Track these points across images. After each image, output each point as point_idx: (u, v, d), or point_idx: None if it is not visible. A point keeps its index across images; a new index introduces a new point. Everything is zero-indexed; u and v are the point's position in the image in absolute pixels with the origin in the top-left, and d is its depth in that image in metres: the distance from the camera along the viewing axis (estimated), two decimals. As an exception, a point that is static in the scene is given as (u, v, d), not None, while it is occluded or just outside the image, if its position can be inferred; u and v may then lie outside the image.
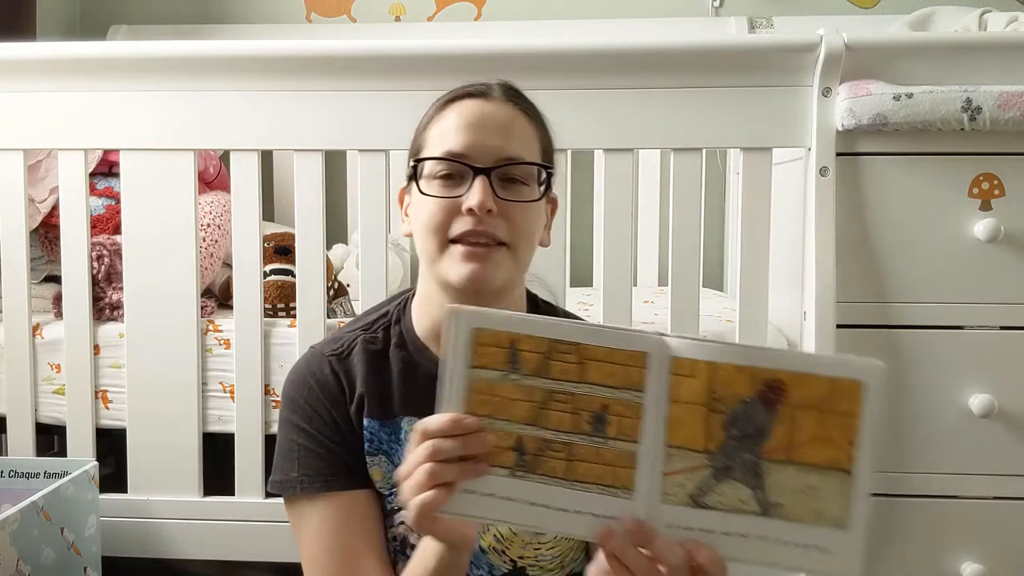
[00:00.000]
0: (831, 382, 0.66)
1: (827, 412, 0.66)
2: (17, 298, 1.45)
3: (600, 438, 0.68)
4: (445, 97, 0.95)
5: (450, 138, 0.90)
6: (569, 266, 1.60)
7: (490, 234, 0.88)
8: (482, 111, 0.91)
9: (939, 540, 1.37)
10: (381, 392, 0.95)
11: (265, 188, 1.60)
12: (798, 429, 0.66)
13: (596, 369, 0.69)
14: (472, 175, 0.88)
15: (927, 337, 1.36)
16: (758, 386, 0.67)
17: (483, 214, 0.86)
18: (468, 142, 0.89)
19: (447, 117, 0.92)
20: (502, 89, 0.95)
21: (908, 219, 1.35)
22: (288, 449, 0.96)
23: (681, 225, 1.38)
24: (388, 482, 0.96)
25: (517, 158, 0.90)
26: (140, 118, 1.41)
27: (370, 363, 0.96)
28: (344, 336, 0.99)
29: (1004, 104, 1.28)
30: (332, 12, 2.39)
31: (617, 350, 0.68)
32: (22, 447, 1.47)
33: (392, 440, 0.95)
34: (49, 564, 1.27)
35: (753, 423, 0.67)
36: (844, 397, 0.66)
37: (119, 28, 2.31)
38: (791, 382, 0.67)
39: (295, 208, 1.42)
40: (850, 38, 1.32)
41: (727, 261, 2.19)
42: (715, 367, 0.67)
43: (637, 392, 0.68)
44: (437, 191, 0.89)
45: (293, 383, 0.98)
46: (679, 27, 2.22)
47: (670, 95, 1.36)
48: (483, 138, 0.89)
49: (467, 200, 0.87)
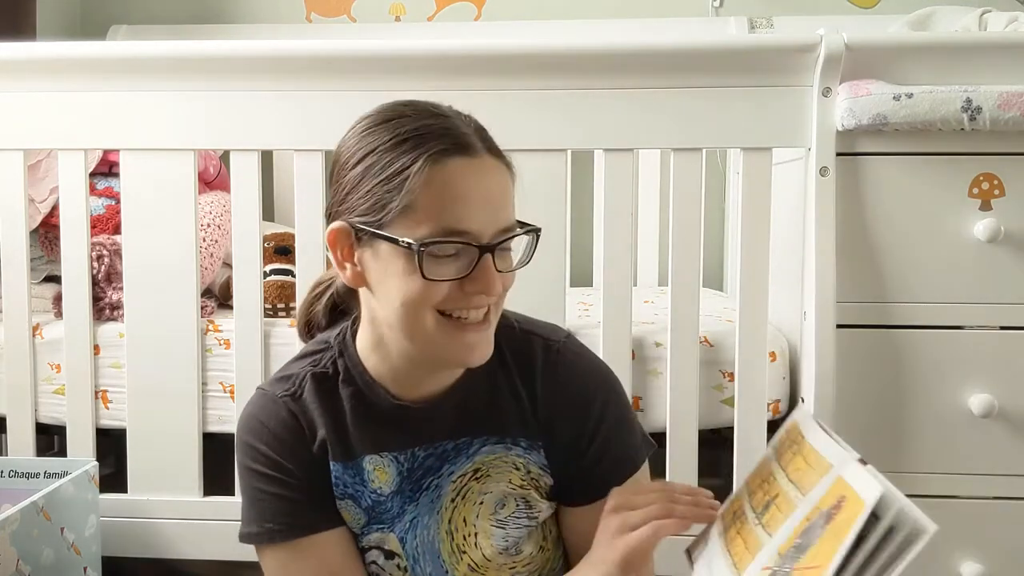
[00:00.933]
0: (845, 492, 0.66)
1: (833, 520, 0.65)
2: (17, 298, 1.45)
3: (759, 521, 0.74)
4: (423, 151, 0.80)
5: (449, 212, 0.79)
6: (569, 266, 1.60)
7: (485, 304, 0.83)
8: (476, 175, 0.81)
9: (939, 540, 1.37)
10: (340, 434, 0.92)
11: (265, 188, 1.60)
12: (818, 552, 0.65)
13: (795, 465, 0.74)
14: (476, 254, 0.80)
15: (927, 337, 1.36)
16: (834, 500, 0.67)
17: (491, 297, 0.82)
18: (471, 218, 0.80)
19: (438, 182, 0.80)
20: (479, 138, 0.84)
21: (908, 219, 1.35)
22: (255, 499, 0.92)
23: (681, 225, 1.38)
24: (357, 523, 0.94)
25: (514, 227, 0.84)
26: (140, 118, 1.41)
27: (323, 400, 0.92)
28: (293, 374, 0.94)
29: (1004, 104, 1.27)
30: (332, 12, 2.39)
31: (815, 451, 0.74)
32: (22, 447, 1.47)
33: (357, 482, 0.92)
34: (49, 564, 1.27)
35: (810, 536, 0.67)
36: (847, 510, 0.65)
37: (119, 28, 2.31)
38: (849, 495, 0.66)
39: (295, 208, 1.42)
40: (850, 38, 1.32)
41: (727, 261, 2.19)
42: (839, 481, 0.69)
43: (801, 493, 0.71)
44: (434, 270, 0.80)
45: (250, 431, 0.92)
46: (679, 27, 2.22)
47: (670, 95, 1.36)
48: (486, 213, 0.81)
49: (475, 284, 0.80)
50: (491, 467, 0.93)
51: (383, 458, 0.92)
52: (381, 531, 0.93)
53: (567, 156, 1.43)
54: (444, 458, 0.93)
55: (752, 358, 1.37)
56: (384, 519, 0.93)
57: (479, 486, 0.93)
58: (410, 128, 0.82)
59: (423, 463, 0.93)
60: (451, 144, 0.81)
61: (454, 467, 0.93)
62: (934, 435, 1.36)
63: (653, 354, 1.42)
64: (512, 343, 0.94)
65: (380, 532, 0.94)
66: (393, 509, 0.93)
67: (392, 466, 0.92)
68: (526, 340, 0.95)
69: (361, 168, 0.83)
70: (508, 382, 0.93)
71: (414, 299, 0.81)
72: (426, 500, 0.93)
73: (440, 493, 0.93)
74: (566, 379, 0.94)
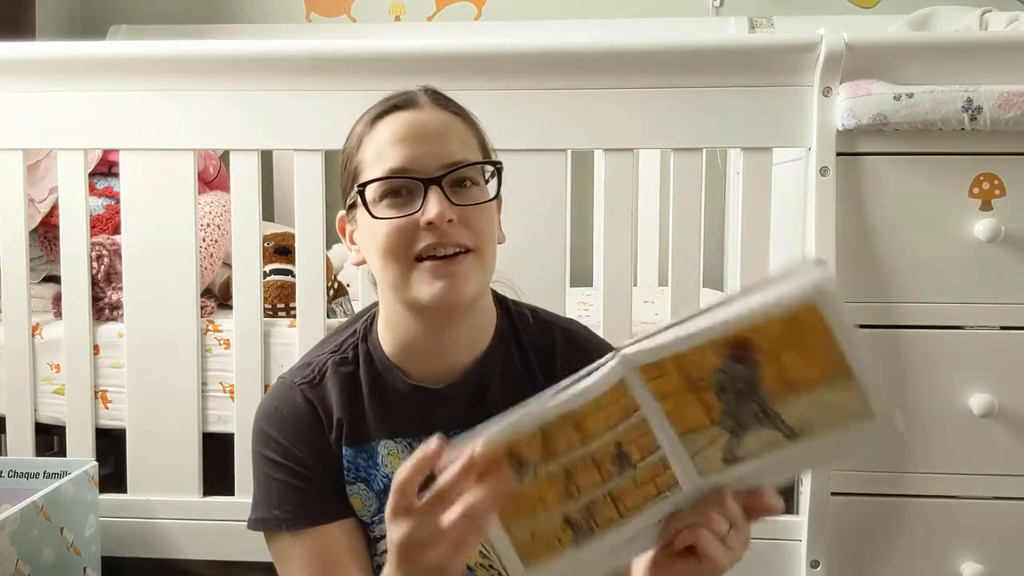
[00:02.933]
0: (787, 320, 0.66)
1: (799, 342, 0.66)
2: (17, 298, 1.45)
3: (629, 468, 0.71)
4: (370, 114, 0.91)
5: (389, 155, 0.85)
6: (569, 266, 1.60)
7: (454, 243, 0.84)
8: (414, 120, 0.87)
9: (939, 540, 1.37)
10: (356, 418, 0.93)
11: (265, 188, 1.60)
12: (783, 366, 0.67)
13: (592, 423, 0.71)
14: (423, 188, 0.84)
15: (927, 337, 1.36)
16: (726, 353, 0.68)
17: (444, 224, 0.83)
18: (409, 155, 0.85)
19: (379, 134, 0.88)
20: (428, 95, 0.90)
21: (908, 219, 1.35)
22: (266, 486, 0.93)
23: (681, 225, 1.38)
24: (368, 510, 0.94)
25: (461, 161, 0.86)
26: (140, 118, 1.41)
27: (343, 386, 0.93)
28: (313, 361, 0.95)
29: (1004, 104, 1.28)
30: (332, 12, 2.39)
31: (600, 397, 0.70)
32: (22, 447, 1.47)
33: (370, 466, 0.93)
34: (49, 564, 1.27)
35: (741, 381, 0.68)
36: (807, 324, 0.65)
37: (119, 28, 2.31)
38: (752, 335, 0.67)
39: (295, 208, 1.42)
40: (850, 38, 1.32)
41: (727, 261, 2.19)
42: (679, 357, 0.68)
43: (636, 412, 0.70)
44: (389, 212, 0.85)
45: (265, 417, 0.94)
46: (679, 27, 2.22)
47: (670, 95, 1.36)
48: (423, 148, 0.85)
49: (424, 214, 0.83)
50: None
51: (398, 444, 0.93)
52: None
53: (567, 156, 1.43)
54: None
55: (752, 358, 1.37)
56: None
57: None
58: (369, 108, 0.92)
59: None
60: (390, 105, 0.89)
61: None
62: (934, 435, 1.36)
63: (653, 354, 1.41)
64: (530, 331, 0.97)
65: None
66: None
67: (407, 453, 0.93)
68: (544, 328, 0.98)
69: (342, 155, 0.94)
70: (525, 367, 0.95)
71: (383, 246, 0.85)
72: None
73: None
74: (586, 364, 0.94)
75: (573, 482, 0.71)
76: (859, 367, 0.67)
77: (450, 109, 0.90)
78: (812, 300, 0.65)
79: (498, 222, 0.93)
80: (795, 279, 0.65)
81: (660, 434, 0.70)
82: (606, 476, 0.71)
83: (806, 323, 0.65)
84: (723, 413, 0.69)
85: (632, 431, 0.70)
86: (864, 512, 1.37)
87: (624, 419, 0.70)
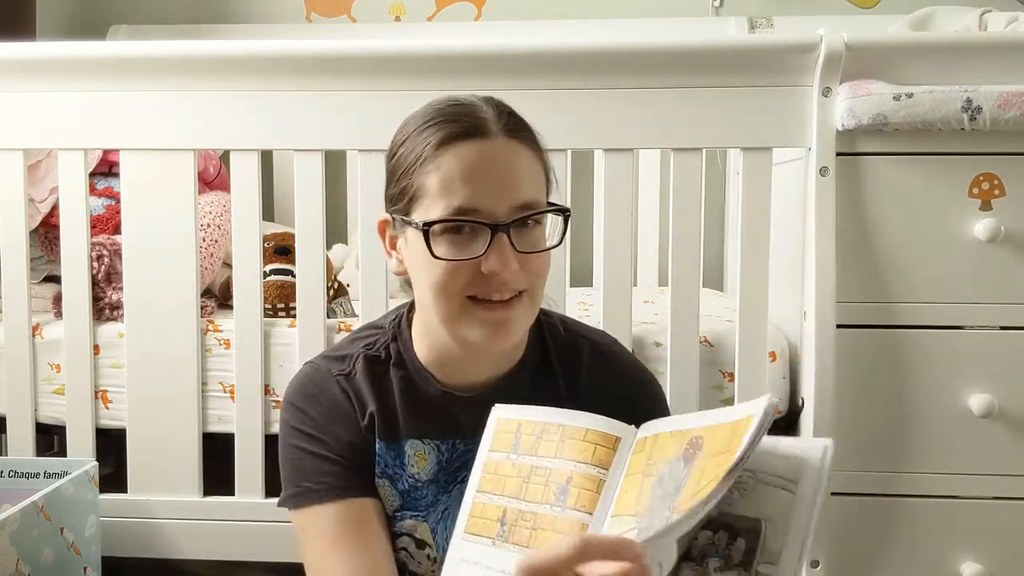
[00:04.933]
0: (733, 424, 0.66)
1: (723, 452, 0.65)
2: (17, 298, 1.45)
3: (559, 507, 0.73)
4: (437, 135, 0.84)
5: (457, 191, 0.81)
6: (569, 266, 1.60)
7: (512, 288, 0.84)
8: (486, 155, 0.83)
9: (939, 540, 1.37)
10: (388, 414, 0.94)
11: (265, 188, 1.60)
12: (702, 476, 0.65)
13: (571, 446, 0.75)
14: (489, 233, 0.81)
15: (927, 337, 1.36)
16: (683, 445, 0.68)
17: (508, 276, 0.82)
18: (478, 194, 0.81)
19: (446, 163, 0.83)
20: (498, 119, 0.86)
21: (908, 219, 1.35)
22: (298, 460, 0.93)
23: (681, 225, 1.38)
24: (391, 506, 0.95)
25: (531, 203, 0.84)
26: (140, 118, 1.41)
27: (374, 383, 0.94)
28: (347, 355, 0.96)
29: (1004, 104, 1.27)
30: (332, 12, 2.39)
31: (591, 430, 0.75)
32: (22, 447, 1.47)
33: (396, 464, 0.94)
34: (49, 564, 1.27)
35: (674, 480, 0.67)
36: (738, 434, 0.64)
37: (119, 28, 2.31)
38: (707, 435, 0.68)
39: (295, 208, 1.42)
40: (850, 38, 1.32)
41: (727, 261, 2.19)
42: (656, 438, 0.71)
43: (601, 468, 0.73)
44: (448, 250, 0.82)
45: (302, 396, 0.94)
46: (679, 27, 2.22)
47: (670, 95, 1.36)
48: (494, 188, 0.82)
49: (488, 262, 0.81)
50: None
51: (425, 445, 0.94)
52: (416, 519, 0.95)
53: (567, 156, 1.43)
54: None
55: (752, 358, 1.37)
56: (419, 506, 0.94)
57: None
58: (431, 118, 0.86)
59: (461, 456, 0.94)
60: (461, 128, 0.84)
61: None
62: (934, 435, 1.36)
63: (653, 354, 1.42)
64: (559, 344, 0.97)
65: (414, 520, 0.95)
66: (428, 497, 0.94)
67: (433, 454, 0.94)
68: (572, 341, 0.98)
69: (394, 159, 0.89)
70: (550, 382, 0.95)
71: (437, 282, 0.84)
72: (459, 493, 0.93)
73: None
74: (610, 380, 0.96)
75: (528, 484, 0.76)
76: (716, 497, 0.63)
77: (520, 138, 0.86)
78: (753, 412, 0.65)
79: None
80: (759, 401, 0.65)
81: (603, 501, 0.72)
82: (544, 499, 0.74)
83: (738, 434, 0.64)
84: (647, 508, 0.68)
85: (585, 479, 0.73)
86: (864, 512, 1.37)
87: (590, 463, 0.74)
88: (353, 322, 1.46)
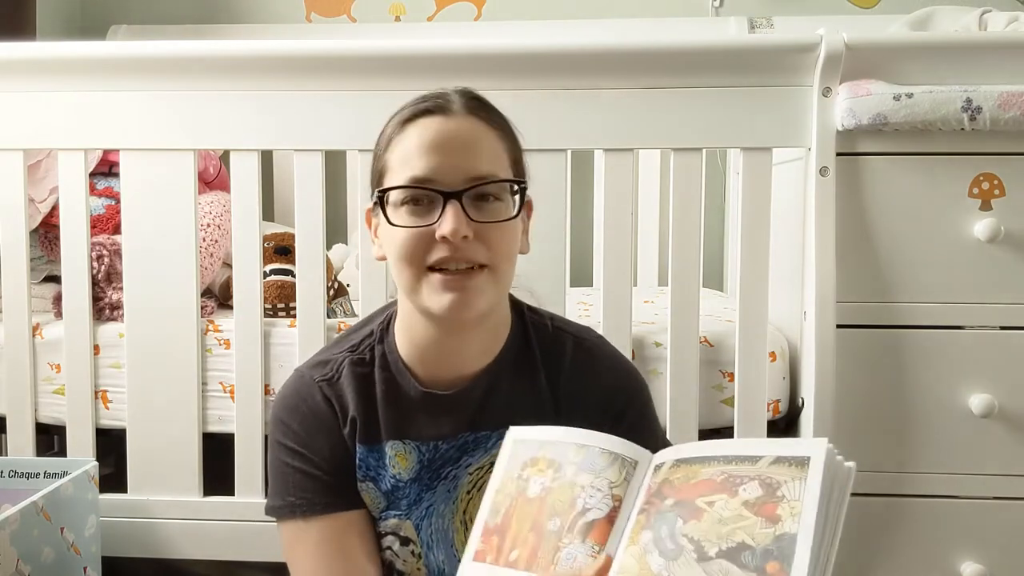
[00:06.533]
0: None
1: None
2: (17, 298, 1.45)
3: (572, 536, 0.76)
4: (403, 115, 0.90)
5: (413, 162, 0.86)
6: (569, 266, 1.60)
7: (468, 259, 0.85)
8: (444, 129, 0.87)
9: (939, 540, 1.37)
10: (370, 417, 0.95)
11: (265, 188, 1.60)
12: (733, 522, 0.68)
13: (587, 471, 0.78)
14: (442, 200, 0.84)
15: (927, 337, 1.36)
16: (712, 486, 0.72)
17: (458, 240, 0.83)
18: (433, 165, 0.85)
19: (407, 138, 0.87)
20: (463, 101, 0.90)
21: (908, 219, 1.35)
22: (282, 474, 0.95)
23: (681, 225, 1.38)
24: (377, 507, 0.96)
25: (487, 176, 0.86)
26: (140, 118, 1.41)
27: (358, 386, 0.95)
28: (332, 359, 0.98)
29: (1004, 104, 1.27)
30: (332, 12, 2.39)
31: (608, 451, 0.78)
32: (22, 447, 1.47)
33: (379, 466, 0.95)
34: (49, 564, 1.27)
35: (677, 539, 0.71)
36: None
37: (119, 28, 2.31)
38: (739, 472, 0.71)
39: (295, 208, 1.42)
40: (850, 38, 1.32)
41: (727, 261, 2.19)
42: (675, 467, 0.75)
43: (616, 493, 0.76)
44: (407, 220, 0.86)
45: (285, 408, 0.96)
46: (679, 27, 2.22)
47: (670, 95, 1.36)
48: (448, 159, 0.85)
49: (440, 228, 0.84)
50: None
51: (406, 445, 0.95)
52: (398, 517, 0.96)
53: (567, 156, 1.43)
54: (464, 449, 0.95)
55: (752, 358, 1.37)
56: (401, 505, 0.96)
57: None
58: (403, 106, 0.91)
59: (444, 454, 0.95)
60: (424, 107, 0.89)
61: (472, 459, 0.95)
62: (934, 435, 1.36)
63: (653, 354, 1.42)
64: (542, 338, 0.98)
65: (397, 519, 0.96)
66: (411, 495, 0.95)
67: (414, 454, 0.95)
68: (557, 336, 0.99)
69: (375, 149, 0.93)
70: (532, 379, 0.96)
71: (398, 251, 0.87)
72: (443, 489, 0.96)
73: (457, 483, 0.95)
74: (592, 375, 0.97)
75: (540, 508, 0.76)
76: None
77: (484, 118, 0.89)
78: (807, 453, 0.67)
79: (525, 230, 0.94)
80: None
81: (613, 533, 0.72)
82: (558, 524, 0.74)
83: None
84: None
85: (601, 506, 0.74)
86: (864, 512, 1.37)
87: (606, 493, 0.74)
88: (353, 322, 1.45)
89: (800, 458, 0.67)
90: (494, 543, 0.77)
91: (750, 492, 0.67)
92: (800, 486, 0.66)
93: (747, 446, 0.72)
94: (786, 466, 0.67)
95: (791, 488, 0.66)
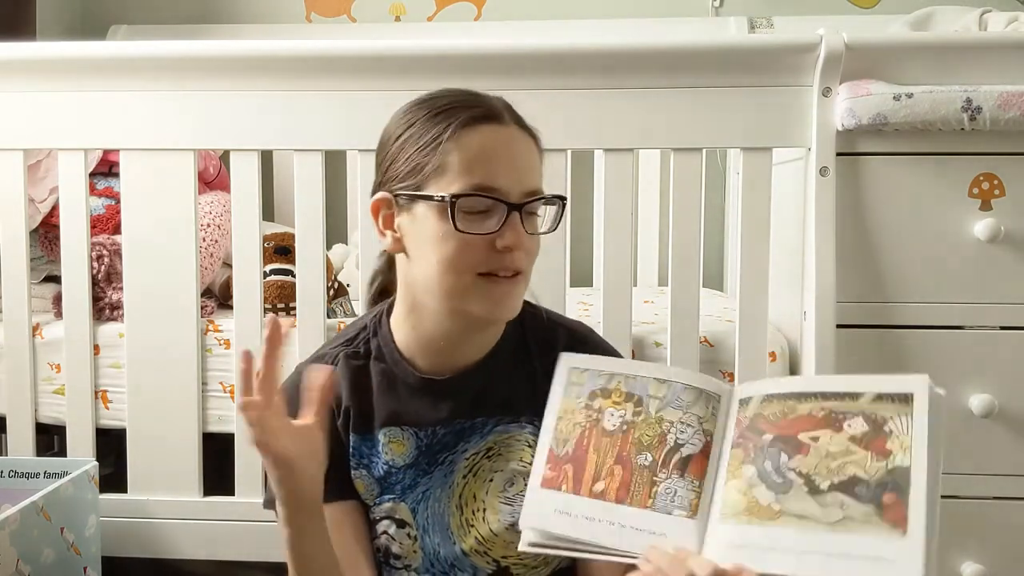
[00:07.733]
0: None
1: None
2: (17, 298, 1.45)
3: (665, 470, 0.78)
4: (459, 116, 0.89)
5: (479, 170, 0.87)
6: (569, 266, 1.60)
7: (517, 267, 0.89)
8: (504, 140, 0.90)
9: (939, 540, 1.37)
10: (363, 407, 0.97)
11: (265, 188, 1.60)
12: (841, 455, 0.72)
13: (670, 404, 0.81)
14: (505, 211, 0.87)
15: (927, 337, 1.36)
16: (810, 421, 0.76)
17: (519, 251, 0.88)
18: (499, 174, 0.87)
19: (468, 144, 0.88)
20: (506, 111, 0.92)
21: (908, 219, 1.35)
22: None
23: (681, 225, 1.38)
24: (371, 494, 0.98)
25: (538, 189, 0.91)
26: (140, 118, 1.41)
27: (353, 378, 0.97)
28: (327, 352, 1.00)
29: (1004, 104, 1.28)
30: (332, 12, 2.39)
31: (690, 387, 0.81)
32: (22, 447, 1.47)
33: (372, 453, 0.97)
34: (49, 564, 1.27)
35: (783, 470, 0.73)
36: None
37: (119, 28, 2.31)
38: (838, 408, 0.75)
39: (295, 208, 1.42)
40: (850, 38, 1.32)
41: (727, 261, 2.19)
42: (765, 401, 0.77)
43: (706, 428, 0.79)
44: (467, 226, 0.87)
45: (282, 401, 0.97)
46: (679, 27, 2.22)
47: (670, 95, 1.36)
48: (512, 170, 0.88)
49: (503, 238, 0.87)
50: (503, 446, 0.97)
51: (403, 431, 0.97)
52: (392, 500, 0.97)
53: (567, 156, 1.43)
54: (460, 435, 0.97)
55: (752, 358, 1.37)
56: (396, 489, 0.97)
57: (490, 464, 0.97)
58: (445, 103, 0.91)
59: (442, 439, 0.97)
60: (480, 113, 0.90)
61: (468, 445, 0.97)
62: (934, 435, 1.36)
63: (653, 354, 1.42)
64: (538, 330, 1.00)
65: (392, 502, 0.97)
66: (405, 480, 0.97)
67: (411, 440, 0.97)
68: (551, 327, 1.01)
69: (401, 140, 0.92)
70: (528, 366, 0.98)
71: (450, 256, 0.87)
72: (439, 474, 0.97)
73: (453, 468, 0.97)
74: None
75: (625, 436, 0.78)
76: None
77: (526, 130, 0.93)
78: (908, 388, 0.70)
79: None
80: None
81: (710, 468, 0.75)
82: (638, 453, 0.77)
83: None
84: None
85: (694, 439, 0.76)
86: (864, 512, 1.37)
87: (696, 427, 0.77)
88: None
89: (903, 395, 0.70)
90: (568, 472, 0.79)
91: (855, 428, 0.70)
92: (907, 421, 0.70)
93: (842, 382, 0.74)
94: (889, 402, 0.71)
95: (897, 423, 0.70)
